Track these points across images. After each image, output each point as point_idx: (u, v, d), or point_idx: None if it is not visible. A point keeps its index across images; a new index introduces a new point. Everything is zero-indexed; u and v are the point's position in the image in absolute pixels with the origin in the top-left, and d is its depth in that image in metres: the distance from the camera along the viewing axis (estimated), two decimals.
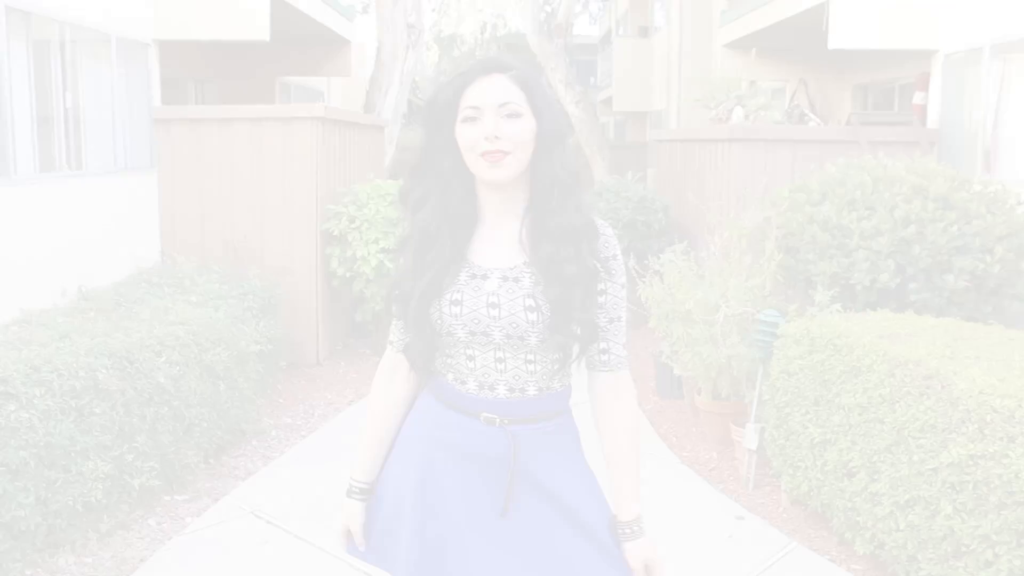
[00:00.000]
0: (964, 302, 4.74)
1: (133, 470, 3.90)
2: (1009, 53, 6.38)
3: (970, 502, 2.88)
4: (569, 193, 1.71)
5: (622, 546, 1.79)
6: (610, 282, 1.77)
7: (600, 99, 24.73)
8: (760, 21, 9.41)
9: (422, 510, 1.79)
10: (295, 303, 6.74)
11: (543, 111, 1.69)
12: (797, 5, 8.22)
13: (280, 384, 6.31)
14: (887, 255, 4.67)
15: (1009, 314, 4.87)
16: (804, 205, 5.08)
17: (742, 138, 7.05)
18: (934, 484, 3.03)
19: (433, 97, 1.71)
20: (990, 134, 6.57)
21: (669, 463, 4.95)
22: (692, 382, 5.40)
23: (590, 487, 1.82)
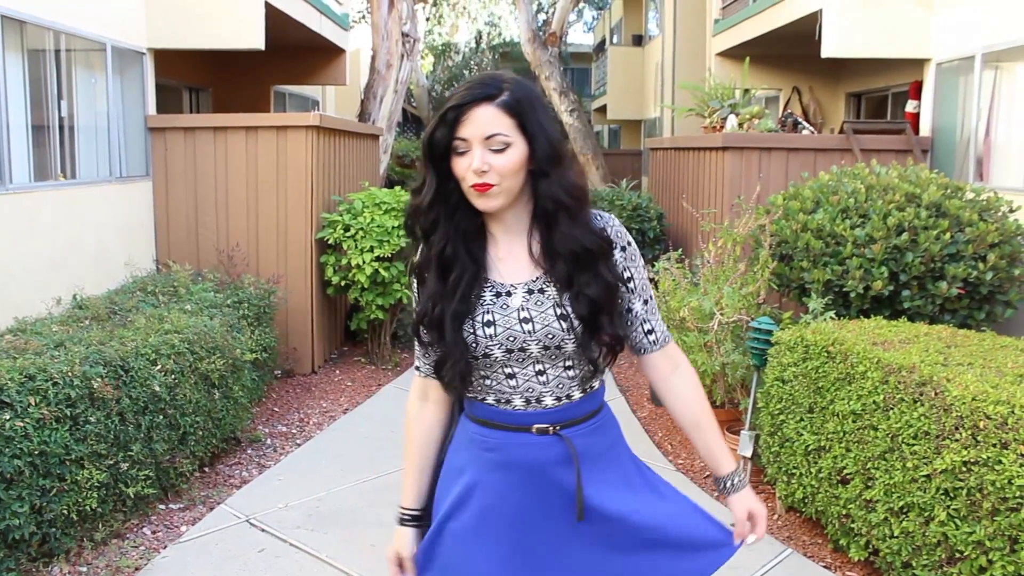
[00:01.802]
0: (957, 309, 4.77)
1: (128, 479, 3.91)
2: (1000, 61, 6.43)
3: (964, 508, 2.89)
4: (576, 215, 1.71)
5: (728, 499, 1.90)
6: (634, 268, 1.80)
7: (594, 107, 24.83)
8: (753, 30, 9.46)
9: (489, 537, 1.75)
10: (290, 311, 6.74)
11: (536, 134, 1.67)
12: (790, 14, 8.26)
13: (275, 392, 6.32)
14: (880, 262, 4.69)
15: (1002, 321, 4.90)
16: (798, 213, 5.11)
17: (736, 146, 7.08)
18: (928, 491, 3.04)
19: (431, 130, 1.70)
20: (982, 142, 6.62)
21: (664, 470, 4.95)
22: None
23: (648, 481, 1.88)
